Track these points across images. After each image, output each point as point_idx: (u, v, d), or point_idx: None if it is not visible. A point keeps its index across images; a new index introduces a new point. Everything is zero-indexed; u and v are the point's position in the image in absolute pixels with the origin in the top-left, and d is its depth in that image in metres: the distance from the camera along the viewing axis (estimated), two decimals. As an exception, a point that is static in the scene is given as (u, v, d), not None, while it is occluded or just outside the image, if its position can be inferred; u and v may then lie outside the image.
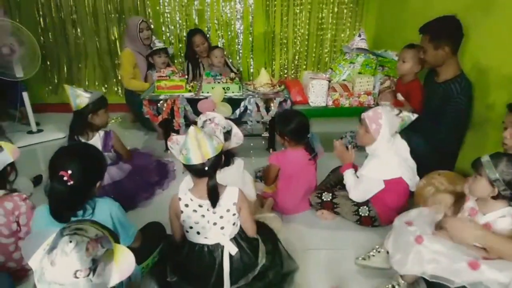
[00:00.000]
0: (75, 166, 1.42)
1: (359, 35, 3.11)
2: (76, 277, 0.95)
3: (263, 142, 3.40)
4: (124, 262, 1.05)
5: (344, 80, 3.03)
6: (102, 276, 1.00)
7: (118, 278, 1.03)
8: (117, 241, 1.09)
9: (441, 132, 2.29)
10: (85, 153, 1.58)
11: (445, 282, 1.44)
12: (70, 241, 0.97)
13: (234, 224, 1.66)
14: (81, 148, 1.70)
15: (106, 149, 2.38)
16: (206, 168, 1.52)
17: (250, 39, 4.12)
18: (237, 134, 1.95)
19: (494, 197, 1.44)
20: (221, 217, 1.61)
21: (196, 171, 1.56)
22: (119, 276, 1.03)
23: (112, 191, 2.24)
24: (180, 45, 4.14)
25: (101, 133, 2.40)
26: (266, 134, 3.38)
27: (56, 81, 4.23)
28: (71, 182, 1.40)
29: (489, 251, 1.43)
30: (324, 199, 2.24)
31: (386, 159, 2.01)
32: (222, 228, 1.63)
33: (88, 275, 0.97)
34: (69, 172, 1.40)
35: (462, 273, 1.41)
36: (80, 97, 2.29)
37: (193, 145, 1.48)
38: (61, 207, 1.44)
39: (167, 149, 3.11)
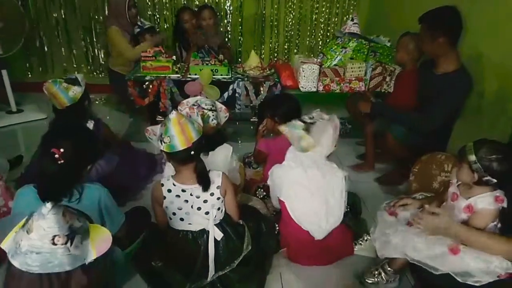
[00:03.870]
0: (68, 145, 1.38)
1: (352, 20, 3.04)
2: (54, 244, 0.94)
3: (252, 127, 3.34)
4: (101, 240, 1.05)
5: (335, 65, 2.98)
6: (80, 249, 0.99)
7: (95, 254, 1.03)
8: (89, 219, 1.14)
9: (431, 118, 2.24)
10: (79, 133, 1.54)
11: (430, 269, 1.44)
12: (48, 202, 0.95)
13: (219, 209, 1.62)
14: (76, 128, 1.64)
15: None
16: (192, 152, 1.49)
17: (240, 20, 4.02)
18: (222, 108, 1.98)
19: (476, 183, 1.43)
20: (205, 201, 1.58)
21: (181, 157, 1.51)
22: (96, 252, 1.03)
23: None
24: (166, 25, 4.02)
25: (91, 123, 2.21)
26: (254, 119, 3.32)
27: (37, 59, 4.08)
28: (62, 161, 1.35)
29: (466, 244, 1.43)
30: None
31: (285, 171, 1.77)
32: (206, 213, 1.59)
33: (66, 243, 0.95)
34: (61, 150, 1.35)
35: (444, 260, 1.42)
36: (71, 89, 2.03)
37: (177, 131, 1.44)
38: (48, 186, 1.40)
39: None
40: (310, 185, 1.70)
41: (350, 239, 1.89)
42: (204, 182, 1.56)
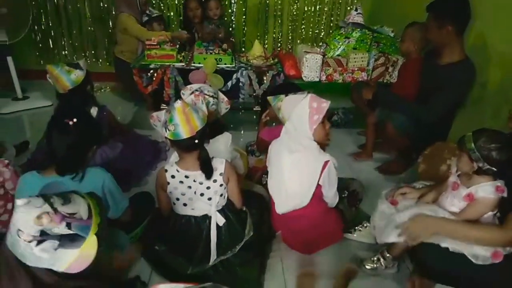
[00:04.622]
0: (79, 118, 1.46)
1: (356, 10, 3.04)
2: (18, 236, 0.90)
3: (254, 116, 3.36)
4: (83, 257, 0.96)
5: (338, 55, 2.99)
6: (49, 254, 0.92)
7: (64, 268, 0.94)
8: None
9: (433, 109, 2.26)
10: (86, 113, 1.75)
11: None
12: (25, 199, 0.92)
13: (221, 195, 1.65)
14: (82, 110, 1.85)
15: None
16: (196, 141, 1.51)
17: (244, 9, 4.01)
18: (224, 99, 1.98)
19: (476, 173, 1.44)
20: (208, 187, 1.60)
21: (185, 145, 1.53)
22: (68, 267, 0.94)
23: None
24: (170, 13, 4.01)
25: (95, 110, 2.24)
26: (257, 108, 3.34)
27: (43, 46, 4.07)
28: (74, 132, 1.44)
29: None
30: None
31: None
32: (209, 199, 1.62)
33: (30, 241, 0.90)
34: (74, 120, 1.43)
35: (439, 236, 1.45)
36: (73, 72, 2.07)
37: (181, 120, 1.46)
38: (61, 157, 1.45)
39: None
40: (281, 161, 1.70)
41: (337, 225, 1.87)
42: (207, 170, 1.58)
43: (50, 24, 3.97)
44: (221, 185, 1.62)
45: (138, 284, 1.59)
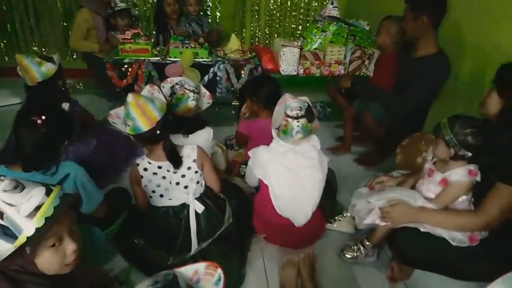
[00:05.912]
0: (48, 115, 1.41)
1: (332, 3, 3.04)
2: None
3: (233, 111, 3.33)
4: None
5: (315, 48, 2.99)
6: None
7: None
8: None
9: (407, 101, 2.30)
10: (56, 108, 1.66)
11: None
12: None
13: (198, 182, 1.63)
14: (53, 104, 1.77)
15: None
16: (158, 132, 1.49)
17: (218, 4, 3.97)
18: (206, 94, 1.97)
19: (452, 158, 1.47)
20: (183, 176, 1.58)
21: (147, 138, 1.52)
22: None
23: None
24: (145, 8, 3.92)
25: (66, 106, 2.15)
26: (236, 103, 3.31)
27: (11, 43, 3.93)
28: (43, 130, 1.39)
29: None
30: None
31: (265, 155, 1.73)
32: (185, 187, 1.60)
33: None
34: (43, 117, 1.38)
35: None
36: (44, 64, 1.99)
37: (137, 113, 1.44)
38: (27, 154, 1.40)
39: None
40: (298, 171, 1.67)
41: (323, 223, 1.89)
42: (174, 159, 1.56)
43: (17, 20, 3.81)
44: (196, 172, 1.60)
45: (116, 284, 1.54)
